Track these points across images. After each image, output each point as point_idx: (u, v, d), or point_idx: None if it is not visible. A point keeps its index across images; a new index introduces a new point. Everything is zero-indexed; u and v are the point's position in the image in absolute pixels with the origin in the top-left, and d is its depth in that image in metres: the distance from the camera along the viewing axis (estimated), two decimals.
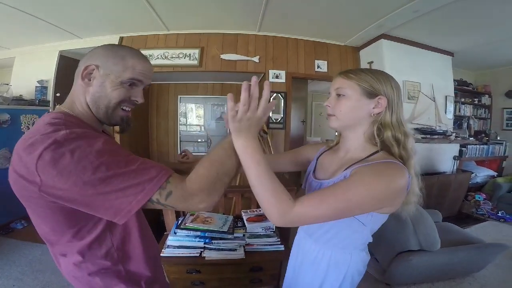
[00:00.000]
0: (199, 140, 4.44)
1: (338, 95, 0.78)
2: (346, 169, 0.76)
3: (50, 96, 3.54)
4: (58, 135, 0.55)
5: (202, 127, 4.44)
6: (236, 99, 0.63)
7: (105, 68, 0.69)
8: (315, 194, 0.67)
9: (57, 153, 0.53)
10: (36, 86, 3.49)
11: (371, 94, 0.75)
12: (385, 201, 0.68)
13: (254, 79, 0.63)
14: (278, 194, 0.63)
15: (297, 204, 0.64)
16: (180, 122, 4.37)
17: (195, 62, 3.26)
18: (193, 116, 4.44)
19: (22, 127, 3.17)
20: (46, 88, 3.54)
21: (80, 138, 0.56)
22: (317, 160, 0.97)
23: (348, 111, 0.77)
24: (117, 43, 3.30)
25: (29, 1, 2.47)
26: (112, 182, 0.54)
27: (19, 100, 3.23)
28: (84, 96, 0.71)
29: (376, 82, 0.74)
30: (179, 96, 4.31)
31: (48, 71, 3.57)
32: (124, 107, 0.74)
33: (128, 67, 0.70)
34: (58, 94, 3.58)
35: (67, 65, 3.72)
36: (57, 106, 0.75)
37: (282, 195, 0.63)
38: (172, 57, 3.26)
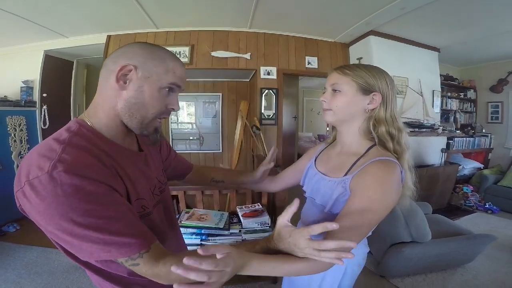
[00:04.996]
0: (191, 138, 4.42)
1: (334, 90, 0.80)
2: (346, 174, 0.77)
3: (36, 96, 3.46)
4: (46, 168, 0.50)
5: (194, 124, 4.42)
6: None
7: (143, 70, 0.61)
8: (343, 228, 0.64)
9: (35, 190, 0.50)
10: (21, 87, 3.39)
11: (366, 91, 0.77)
12: (395, 200, 0.73)
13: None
14: (314, 264, 0.62)
15: None
16: (171, 120, 4.34)
17: (186, 60, 3.23)
18: (184, 114, 4.41)
19: (8, 129, 3.09)
20: (32, 88, 3.45)
21: (68, 182, 0.51)
22: (316, 157, 0.99)
23: (344, 107, 0.79)
24: (104, 42, 3.25)
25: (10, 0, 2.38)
26: (86, 233, 0.51)
27: (4, 101, 3.13)
28: (114, 101, 0.62)
29: (371, 78, 0.76)
30: None
31: (33, 71, 3.47)
32: (160, 117, 0.68)
33: (169, 70, 0.63)
34: (44, 95, 3.50)
35: (53, 65, 3.64)
36: (83, 114, 0.66)
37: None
38: None
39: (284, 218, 0.64)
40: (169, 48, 2.70)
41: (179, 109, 0.70)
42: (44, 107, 3.47)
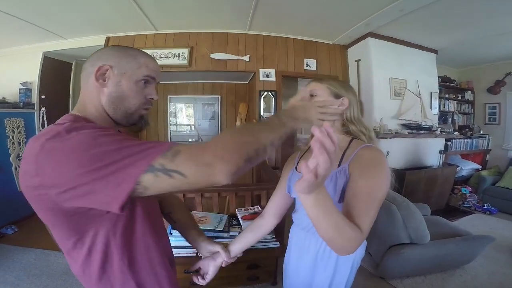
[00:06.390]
0: (190, 140, 4.42)
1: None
2: (339, 165, 0.85)
3: (35, 98, 3.45)
4: (59, 128, 0.54)
5: (193, 126, 4.43)
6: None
7: (119, 68, 0.68)
8: (358, 208, 0.72)
9: (55, 142, 0.52)
10: (20, 89, 3.39)
11: (337, 96, 0.92)
12: (390, 179, 0.81)
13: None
14: (354, 232, 0.67)
15: (362, 227, 0.69)
16: (170, 122, 4.35)
17: (185, 62, 3.24)
18: (183, 116, 4.42)
19: (6, 131, 3.08)
20: (30, 90, 3.44)
21: (82, 128, 0.55)
22: (297, 164, 1.05)
23: None
24: (103, 44, 3.25)
25: (8, 1, 2.38)
26: (108, 157, 0.50)
27: (2, 103, 3.13)
28: (98, 98, 0.69)
29: (342, 89, 0.93)
30: (168, 96, 4.30)
31: (32, 73, 3.47)
32: (144, 107, 0.74)
33: (141, 65, 0.70)
34: (43, 96, 3.50)
35: (52, 67, 3.64)
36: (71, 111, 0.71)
37: (355, 230, 0.68)
38: (161, 57, 3.21)
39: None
40: (168, 50, 2.72)
41: (157, 97, 0.76)
42: (43, 109, 3.46)
